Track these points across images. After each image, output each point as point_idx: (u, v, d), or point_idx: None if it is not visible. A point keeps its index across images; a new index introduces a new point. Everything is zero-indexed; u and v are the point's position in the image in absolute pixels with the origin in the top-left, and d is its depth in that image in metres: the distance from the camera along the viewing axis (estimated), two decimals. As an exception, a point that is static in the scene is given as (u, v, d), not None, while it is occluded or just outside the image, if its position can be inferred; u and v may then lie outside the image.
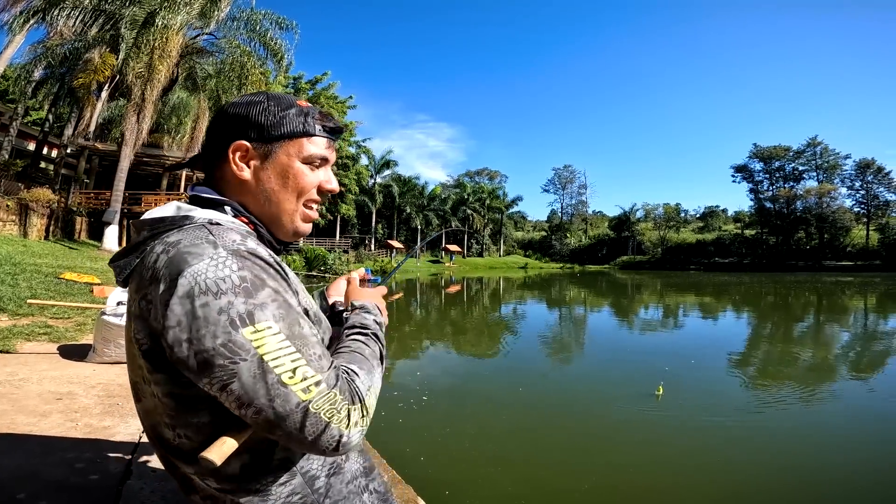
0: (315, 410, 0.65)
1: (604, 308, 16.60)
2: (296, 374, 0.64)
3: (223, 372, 0.62)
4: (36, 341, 4.28)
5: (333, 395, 0.67)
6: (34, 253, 11.99)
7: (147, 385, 0.72)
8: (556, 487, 3.24)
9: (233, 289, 0.64)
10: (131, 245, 0.75)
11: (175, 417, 0.72)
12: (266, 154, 0.80)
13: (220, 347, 0.62)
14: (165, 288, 0.64)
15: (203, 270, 0.64)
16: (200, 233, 0.69)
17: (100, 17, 16.33)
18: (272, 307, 0.66)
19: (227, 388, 0.63)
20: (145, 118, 16.03)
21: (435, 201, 58.19)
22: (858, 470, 3.58)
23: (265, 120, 0.79)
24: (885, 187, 59.41)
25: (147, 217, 0.75)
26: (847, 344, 9.40)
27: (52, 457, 1.87)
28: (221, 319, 0.62)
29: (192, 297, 0.63)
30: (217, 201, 0.79)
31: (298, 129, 0.81)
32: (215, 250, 0.67)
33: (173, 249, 0.67)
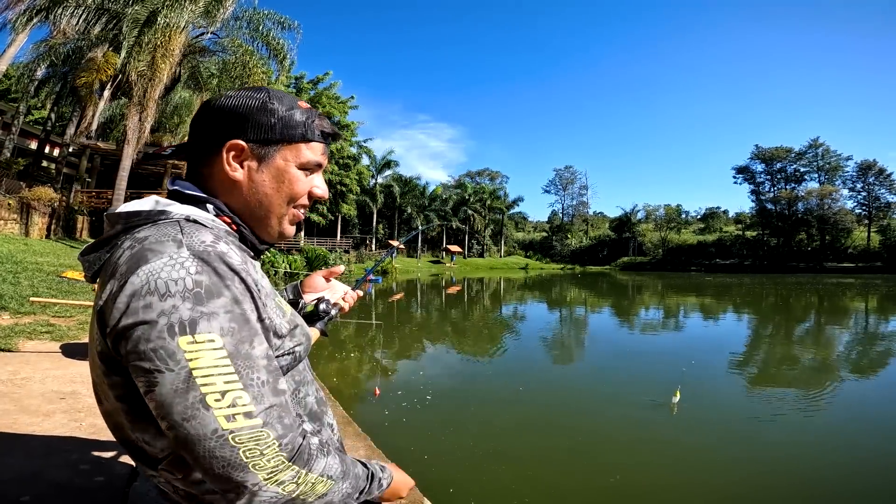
0: (234, 444, 0.59)
1: (604, 309, 16.57)
2: (224, 397, 0.59)
3: (147, 377, 0.58)
4: (38, 340, 4.26)
5: (264, 435, 0.60)
6: (36, 252, 11.98)
7: (104, 387, 0.69)
8: (556, 485, 3.26)
9: (182, 292, 0.59)
10: (102, 238, 0.71)
11: (133, 422, 0.68)
12: (262, 156, 0.76)
13: (150, 352, 0.58)
14: (117, 283, 0.61)
15: (158, 269, 0.60)
16: (170, 230, 0.66)
17: (103, 16, 16.32)
18: (223, 318, 0.60)
19: (149, 395, 0.59)
20: (147, 117, 16.01)
21: (436, 202, 58.16)
22: (860, 471, 3.56)
23: (265, 121, 0.75)
24: (887, 189, 59.35)
25: (122, 210, 0.71)
26: (848, 345, 9.37)
27: (55, 458, 1.85)
28: (160, 322, 0.58)
29: (139, 295, 0.59)
30: (199, 198, 0.75)
31: (298, 134, 0.77)
32: (178, 249, 0.62)
33: (138, 245, 0.64)
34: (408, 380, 5.97)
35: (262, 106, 0.75)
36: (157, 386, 0.58)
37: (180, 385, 0.58)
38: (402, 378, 6.12)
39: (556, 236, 77.93)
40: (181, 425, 0.58)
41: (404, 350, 8.34)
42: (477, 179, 77.83)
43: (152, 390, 0.58)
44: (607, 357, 8.23)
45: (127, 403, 0.67)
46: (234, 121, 0.74)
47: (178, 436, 0.59)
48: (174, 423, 0.58)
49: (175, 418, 0.58)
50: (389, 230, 54.86)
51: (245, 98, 0.75)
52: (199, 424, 0.58)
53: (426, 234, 57.98)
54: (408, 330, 10.57)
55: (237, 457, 0.59)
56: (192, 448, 0.59)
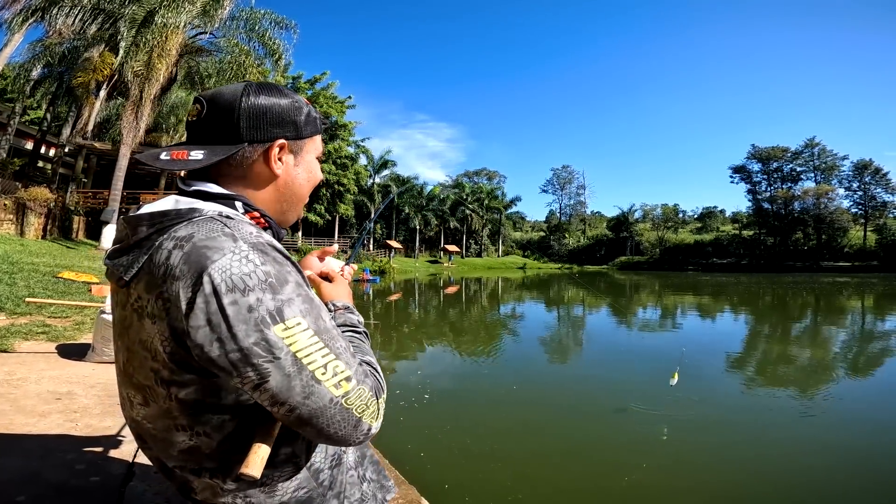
0: (347, 406, 0.66)
1: (602, 309, 16.60)
2: (327, 369, 0.65)
3: (256, 371, 0.62)
4: (34, 340, 4.24)
5: (362, 391, 0.68)
6: (32, 252, 11.93)
7: (163, 387, 0.69)
8: (550, 483, 3.27)
9: (260, 284, 0.62)
10: (132, 242, 0.70)
11: (195, 417, 0.70)
12: (297, 151, 0.81)
13: (253, 346, 0.61)
14: (188, 285, 0.62)
15: (227, 266, 0.62)
16: (214, 225, 0.66)
17: (99, 16, 16.29)
18: (298, 302, 0.65)
19: (261, 387, 0.62)
20: (143, 117, 15.99)
21: (433, 201, 58.21)
22: (858, 470, 3.58)
23: (299, 118, 0.79)
24: (883, 188, 59.67)
25: (145, 211, 0.71)
26: (845, 344, 9.41)
27: (52, 458, 1.85)
28: (252, 317, 0.61)
29: (220, 294, 0.61)
30: (227, 196, 0.76)
31: (316, 128, 0.84)
32: (235, 243, 0.64)
33: (188, 244, 0.64)
34: (406, 379, 5.98)
35: (291, 104, 0.79)
36: (269, 376, 0.62)
37: (291, 369, 0.63)
38: (400, 378, 6.12)
39: (554, 236, 78.12)
40: (303, 404, 0.64)
41: (402, 350, 8.34)
42: (475, 179, 77.93)
43: (265, 381, 0.62)
44: (604, 357, 8.25)
45: (195, 400, 0.69)
46: (273, 120, 0.77)
47: (302, 414, 0.64)
48: (296, 404, 0.64)
49: (297, 399, 0.63)
50: (387, 230, 54.87)
51: (275, 98, 0.78)
52: (318, 398, 0.64)
53: (425, 234, 57.98)
54: (406, 330, 10.57)
55: (352, 415, 0.67)
56: (317, 420, 0.65)
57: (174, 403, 0.69)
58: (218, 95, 0.78)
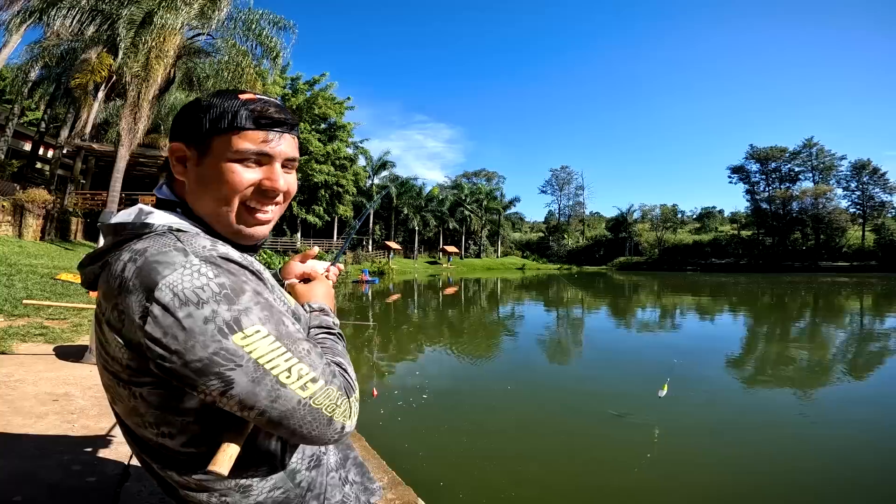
0: (316, 406, 0.67)
1: (601, 309, 16.61)
2: (291, 372, 0.66)
3: (220, 379, 0.62)
4: (32, 342, 4.25)
5: (330, 390, 0.69)
6: (30, 254, 11.93)
7: (124, 388, 0.71)
8: (545, 483, 3.30)
9: (214, 297, 0.63)
10: (98, 251, 0.73)
11: (160, 417, 0.71)
12: (200, 153, 0.75)
13: (213, 356, 0.62)
14: (140, 299, 0.63)
15: (179, 280, 0.62)
16: (166, 240, 0.67)
17: (97, 17, 16.26)
18: (256, 310, 0.65)
19: (227, 394, 0.63)
20: (141, 118, 15.95)
21: (432, 202, 58.20)
22: (856, 470, 3.59)
23: (203, 117, 0.74)
24: (881, 188, 59.75)
25: (112, 221, 0.73)
26: (844, 344, 9.43)
27: (48, 458, 1.85)
28: (209, 329, 0.62)
29: (173, 308, 0.61)
30: (169, 202, 0.78)
31: (226, 124, 0.73)
32: (186, 258, 0.65)
33: (140, 258, 0.65)
34: (404, 380, 5.99)
35: (196, 104, 0.77)
36: (233, 384, 0.63)
37: (255, 375, 0.63)
38: (399, 378, 6.13)
39: (553, 236, 78.09)
40: (271, 407, 0.65)
41: (401, 351, 8.35)
42: (473, 180, 77.83)
43: (230, 388, 0.63)
44: (602, 357, 8.26)
45: (157, 402, 0.70)
46: (176, 123, 0.78)
47: (272, 417, 0.65)
48: (265, 408, 0.65)
49: (264, 403, 0.64)
50: (386, 231, 54.86)
51: (191, 102, 0.78)
52: (285, 401, 0.65)
53: (423, 235, 57.99)
54: (405, 331, 10.58)
55: (323, 414, 0.68)
56: (288, 422, 0.66)
57: (139, 401, 0.71)
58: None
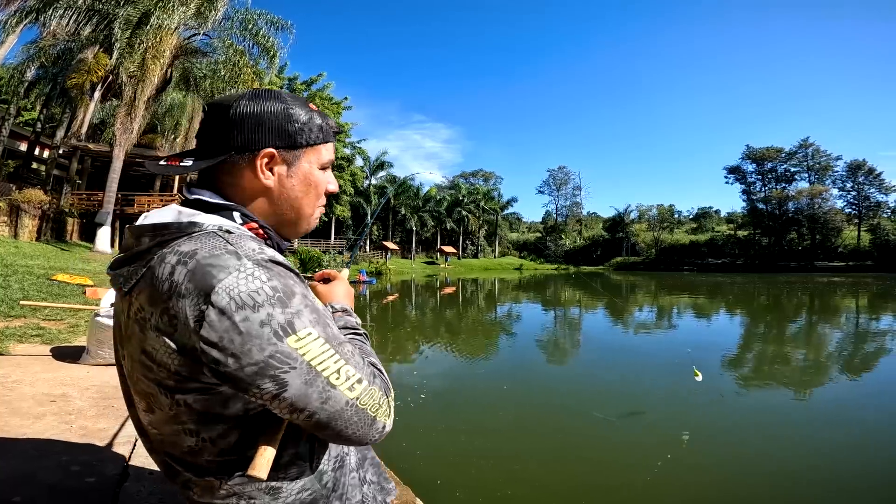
0: (363, 406, 0.70)
1: (598, 309, 16.64)
2: (340, 374, 0.68)
3: (274, 382, 0.64)
4: (28, 343, 4.23)
5: (374, 391, 0.72)
6: (26, 254, 11.88)
7: (167, 396, 0.70)
8: (541, 481, 3.32)
9: (268, 300, 0.64)
10: (133, 253, 0.71)
11: (202, 424, 0.71)
12: (290, 161, 0.79)
13: (269, 359, 0.63)
14: (195, 304, 0.63)
15: (234, 284, 0.63)
16: (217, 241, 0.67)
17: (93, 17, 16.23)
18: (306, 313, 0.67)
19: (280, 397, 0.65)
20: (137, 118, 15.93)
21: (430, 203, 58.21)
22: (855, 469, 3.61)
23: (292, 126, 0.77)
24: (877, 188, 60.06)
25: (147, 222, 0.72)
26: (839, 344, 9.47)
27: (46, 459, 1.85)
28: (265, 332, 0.63)
29: (230, 312, 0.62)
30: (225, 206, 0.76)
31: (318, 137, 0.80)
32: (239, 261, 0.65)
33: (192, 261, 0.65)
34: (401, 380, 5.99)
35: (285, 112, 0.77)
36: (287, 385, 0.65)
37: (308, 377, 0.65)
38: (396, 378, 6.13)
39: (551, 237, 78.19)
40: (321, 409, 0.67)
41: (399, 351, 8.35)
42: (471, 180, 77.86)
43: (284, 390, 0.65)
44: (599, 357, 8.28)
45: (202, 408, 0.70)
46: (261, 128, 0.75)
47: (321, 419, 0.67)
48: (315, 410, 0.67)
49: (315, 405, 0.66)
50: (383, 231, 54.85)
51: (267, 105, 0.76)
52: (335, 402, 0.67)
53: (421, 235, 57.99)
54: (402, 331, 10.58)
55: (368, 415, 0.70)
56: (335, 423, 0.68)
57: (182, 409, 0.70)
58: (217, 102, 0.78)
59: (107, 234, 16.95)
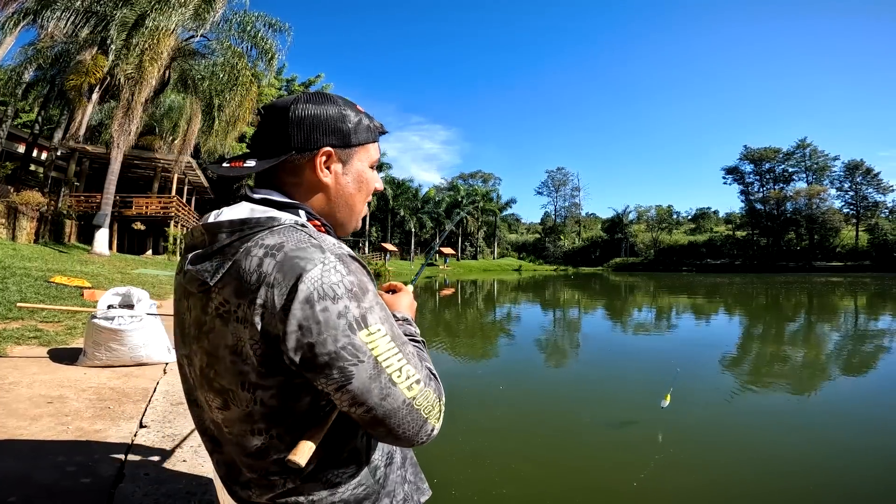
0: (417, 407, 0.72)
1: (597, 310, 16.65)
2: (402, 372, 0.70)
3: (342, 373, 0.66)
4: (26, 345, 4.23)
5: (429, 393, 0.74)
6: (23, 256, 11.86)
7: (248, 391, 0.72)
8: (538, 480, 3.34)
9: (347, 293, 0.67)
10: (215, 249, 0.73)
11: (272, 420, 0.74)
12: (345, 160, 0.83)
13: (341, 350, 0.66)
14: (283, 293, 0.66)
15: (319, 276, 0.66)
16: (301, 235, 0.71)
17: (91, 19, 16.21)
18: (377, 309, 0.70)
19: (344, 388, 0.67)
20: (134, 120, 15.90)
21: (429, 204, 58.25)
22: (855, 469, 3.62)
23: (346, 127, 0.81)
24: (874, 188, 60.24)
25: (224, 219, 0.74)
26: (838, 343, 9.49)
27: (42, 460, 1.85)
28: (341, 323, 0.66)
29: (313, 302, 0.65)
30: (292, 205, 0.79)
31: (369, 136, 0.85)
32: (323, 255, 0.68)
33: (280, 253, 0.68)
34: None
35: (339, 113, 0.81)
36: (353, 377, 0.67)
37: (372, 372, 0.68)
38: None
39: (549, 238, 78.29)
40: (380, 405, 0.69)
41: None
42: (470, 181, 77.91)
43: (349, 382, 0.67)
44: (598, 358, 8.30)
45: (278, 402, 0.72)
46: (319, 128, 0.79)
47: (378, 414, 0.69)
48: (374, 405, 0.69)
49: (375, 400, 0.68)
50: (382, 233, 54.84)
51: (323, 106, 0.80)
52: (393, 399, 0.69)
53: (420, 236, 58.01)
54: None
55: (420, 416, 0.72)
56: (390, 420, 0.70)
57: (256, 407, 0.73)
58: (273, 106, 0.81)
59: (105, 235, 16.92)
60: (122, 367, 3.58)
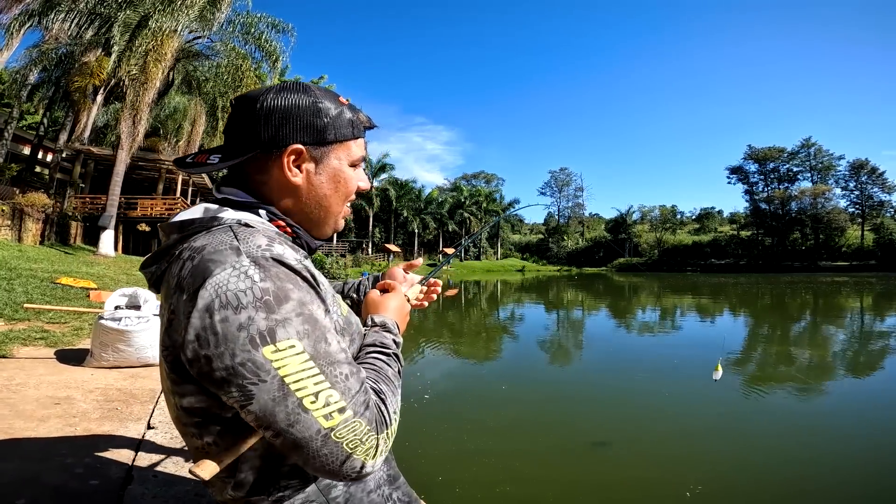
0: (337, 440, 0.62)
1: (600, 311, 16.61)
2: (318, 398, 0.61)
3: (241, 392, 0.59)
4: (33, 346, 4.24)
5: (358, 425, 0.63)
6: (29, 258, 11.91)
7: (172, 396, 0.70)
8: (540, 479, 3.35)
9: (253, 302, 0.59)
10: (161, 249, 0.71)
11: (200, 426, 0.69)
12: (318, 158, 0.76)
13: (239, 367, 0.59)
14: (187, 298, 0.61)
15: (224, 281, 0.60)
16: (225, 236, 0.65)
17: (95, 21, 16.29)
18: (296, 323, 0.61)
19: (246, 408, 0.60)
20: (140, 121, 15.96)
21: (432, 205, 58.27)
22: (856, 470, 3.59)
23: (320, 122, 0.74)
24: (880, 187, 59.82)
25: (176, 219, 0.71)
26: (845, 343, 9.43)
27: (51, 462, 1.85)
28: (241, 336, 0.59)
29: (212, 310, 0.59)
30: (251, 204, 0.74)
31: (349, 132, 0.78)
32: (237, 258, 0.62)
33: (198, 256, 0.63)
34: (406, 381, 5.98)
35: (313, 106, 0.74)
36: (253, 399, 0.59)
37: (276, 394, 0.59)
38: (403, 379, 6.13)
39: (553, 238, 78.11)
40: (287, 431, 0.60)
41: (404, 352, 8.35)
42: (473, 182, 77.86)
43: (249, 403, 0.60)
44: (600, 358, 8.27)
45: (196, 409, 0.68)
46: (288, 123, 0.72)
47: (286, 441, 0.61)
48: (280, 430, 0.60)
49: (280, 426, 0.60)
50: (385, 234, 54.89)
51: (294, 99, 0.73)
52: (304, 427, 0.60)
53: (423, 237, 58.05)
54: (405, 334, 10.56)
55: (341, 450, 0.62)
56: (301, 450, 0.61)
57: (181, 412, 0.69)
58: (244, 97, 0.75)
59: (110, 237, 16.99)
60: (128, 367, 3.58)
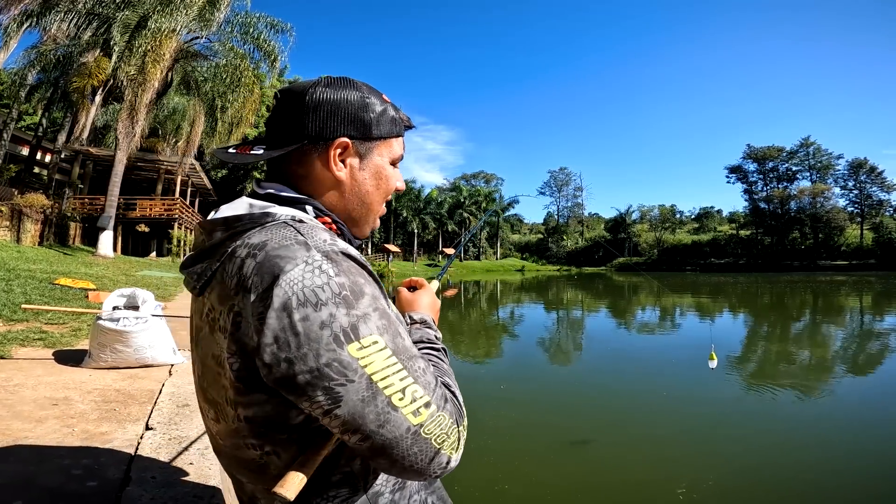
0: (426, 435, 0.60)
1: (600, 310, 16.61)
2: (405, 394, 0.59)
3: (327, 395, 0.56)
4: (31, 347, 4.22)
5: (442, 419, 0.62)
6: (28, 259, 11.89)
7: (232, 407, 0.65)
8: (538, 479, 3.37)
9: (333, 298, 0.57)
10: (206, 248, 0.67)
11: (263, 437, 0.65)
12: (363, 153, 0.74)
13: (325, 367, 0.56)
14: (258, 299, 0.57)
15: (299, 278, 0.57)
16: (287, 232, 0.62)
17: (94, 21, 16.26)
18: (374, 317, 0.59)
19: (332, 413, 0.57)
20: (139, 122, 15.93)
21: (431, 205, 58.28)
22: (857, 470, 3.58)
23: (367, 117, 0.73)
24: (879, 187, 59.97)
25: (219, 216, 0.68)
26: (845, 342, 9.42)
27: (48, 463, 1.83)
28: (324, 335, 0.56)
29: (290, 309, 0.56)
30: (297, 200, 0.72)
31: (393, 130, 0.77)
32: (308, 253, 0.59)
33: (261, 253, 0.60)
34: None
35: (361, 101, 0.73)
36: (341, 401, 0.57)
37: (366, 394, 0.57)
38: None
39: (552, 238, 78.23)
40: (377, 433, 0.58)
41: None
42: (472, 182, 77.94)
43: (336, 406, 0.57)
44: (599, 358, 8.27)
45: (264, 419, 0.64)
46: (336, 116, 0.71)
47: (375, 444, 0.58)
48: (370, 433, 0.58)
49: (370, 427, 0.58)
50: (385, 234, 54.89)
51: (343, 93, 0.72)
52: (394, 426, 0.58)
53: (422, 237, 58.03)
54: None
55: (430, 446, 0.60)
56: (392, 450, 0.59)
57: (242, 423, 0.65)
58: (289, 89, 0.74)
59: (109, 237, 16.97)
60: (127, 368, 3.56)
